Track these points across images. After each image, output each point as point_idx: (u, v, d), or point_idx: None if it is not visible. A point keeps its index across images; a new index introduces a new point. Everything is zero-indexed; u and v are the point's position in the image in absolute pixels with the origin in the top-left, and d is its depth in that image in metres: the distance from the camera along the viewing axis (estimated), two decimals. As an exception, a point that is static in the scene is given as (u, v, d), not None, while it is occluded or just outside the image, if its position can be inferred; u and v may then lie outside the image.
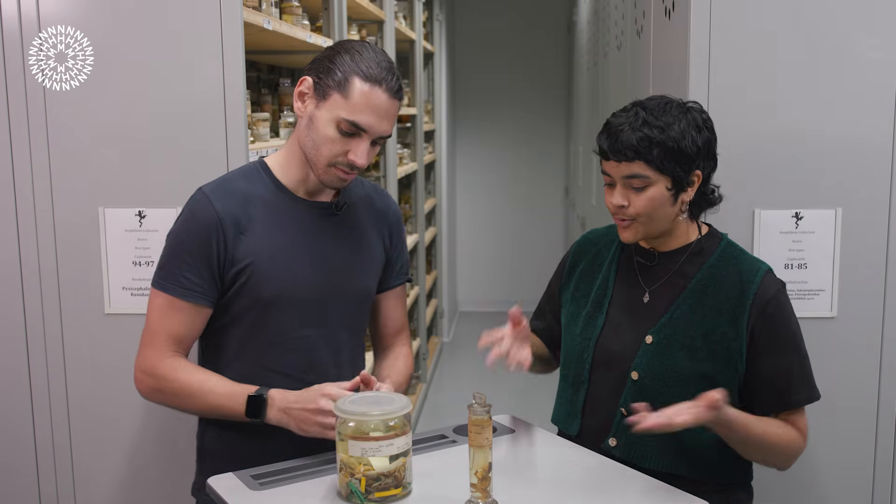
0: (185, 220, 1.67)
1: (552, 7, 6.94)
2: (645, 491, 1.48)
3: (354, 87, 1.59)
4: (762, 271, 1.66)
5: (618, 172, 1.63)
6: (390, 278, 1.86)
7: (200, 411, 1.67)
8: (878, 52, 1.87)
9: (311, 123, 1.63)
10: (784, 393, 1.65)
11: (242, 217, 1.65)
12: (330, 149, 1.61)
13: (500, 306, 7.24)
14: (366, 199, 1.82)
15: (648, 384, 1.66)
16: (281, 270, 1.66)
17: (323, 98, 1.61)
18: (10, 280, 2.08)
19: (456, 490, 1.43)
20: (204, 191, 1.68)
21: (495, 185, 7.19)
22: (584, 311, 1.78)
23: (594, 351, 1.73)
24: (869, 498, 1.98)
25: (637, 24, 2.65)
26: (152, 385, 1.66)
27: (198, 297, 1.64)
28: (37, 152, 2.04)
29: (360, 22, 3.87)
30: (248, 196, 1.68)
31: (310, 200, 1.72)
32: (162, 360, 1.64)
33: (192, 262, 1.63)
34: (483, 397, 1.41)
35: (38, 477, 2.14)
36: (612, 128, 1.63)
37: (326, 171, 1.64)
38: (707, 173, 1.66)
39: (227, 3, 1.97)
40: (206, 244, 1.63)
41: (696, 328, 1.65)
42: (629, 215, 1.64)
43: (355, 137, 1.61)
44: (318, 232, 1.71)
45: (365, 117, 1.59)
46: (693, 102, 1.67)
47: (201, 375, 1.65)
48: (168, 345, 1.65)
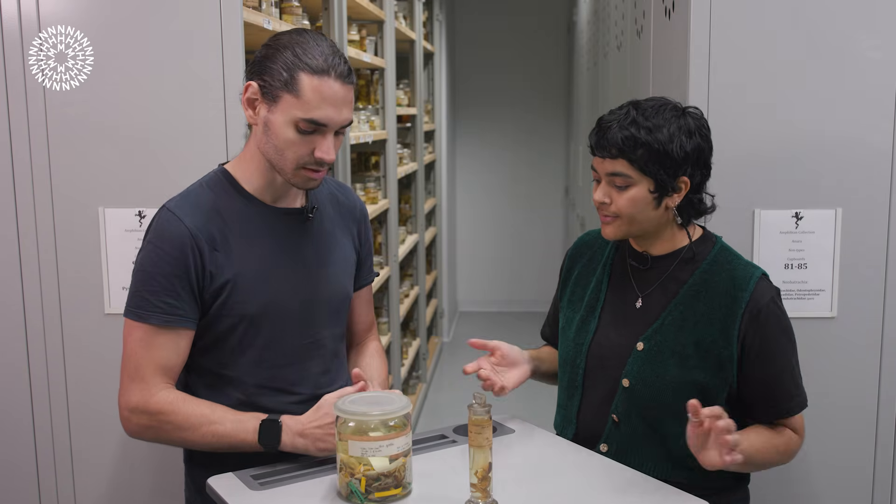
0: (153, 241, 1.57)
1: (552, 7, 6.94)
2: (645, 491, 1.48)
3: (303, 83, 1.50)
4: (755, 277, 1.62)
5: (602, 169, 1.63)
6: (361, 277, 1.83)
7: (201, 444, 1.57)
8: (878, 52, 1.87)
9: (267, 129, 1.55)
10: (778, 402, 1.63)
11: (215, 231, 1.58)
12: (294, 151, 1.54)
13: (500, 306, 7.26)
14: (331, 198, 1.77)
15: (639, 391, 1.64)
16: (263, 284, 1.61)
17: (273, 101, 1.53)
18: (10, 280, 2.08)
19: (456, 490, 1.43)
20: (169, 207, 1.59)
21: (495, 185, 7.19)
22: (577, 315, 1.77)
23: (587, 356, 1.72)
24: (869, 498, 1.98)
25: (637, 24, 2.65)
26: (144, 423, 1.56)
27: (180, 321, 1.55)
28: (37, 152, 2.04)
29: (360, 22, 3.87)
30: (218, 209, 1.60)
31: (280, 208, 1.65)
32: (154, 395, 1.55)
33: (167, 285, 1.54)
34: (483, 397, 1.41)
35: (38, 476, 2.14)
36: (603, 124, 1.63)
37: (295, 174, 1.57)
38: (697, 181, 1.62)
39: (227, 3, 1.97)
40: (181, 263, 1.54)
41: (687, 335, 1.62)
42: (611, 212, 1.64)
43: (317, 134, 1.54)
44: (292, 239, 1.66)
45: (321, 112, 1.52)
46: (693, 108, 1.65)
47: (205, 407, 1.56)
48: (156, 377, 1.56)
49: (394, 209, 4.12)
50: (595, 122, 1.68)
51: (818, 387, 1.77)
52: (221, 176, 1.65)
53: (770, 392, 1.62)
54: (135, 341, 1.57)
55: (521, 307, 7.20)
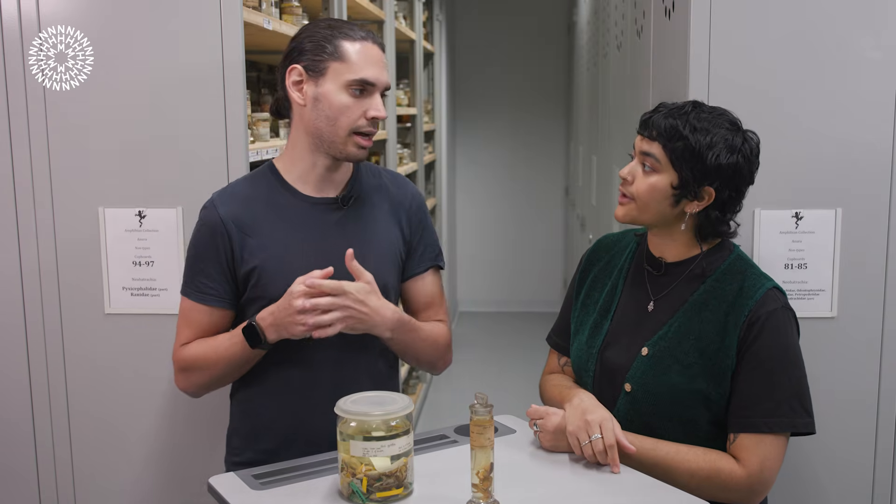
0: (197, 227, 1.74)
1: (552, 7, 6.94)
2: (646, 491, 1.48)
3: (347, 50, 1.65)
4: (765, 288, 1.59)
5: (640, 147, 1.64)
6: (414, 265, 1.83)
7: (226, 372, 1.71)
8: (878, 53, 1.87)
9: (317, 103, 1.66)
10: (746, 409, 1.55)
11: (246, 218, 1.70)
12: (348, 115, 1.65)
13: (500, 306, 7.26)
14: (381, 189, 1.81)
15: (640, 397, 1.63)
16: (288, 269, 1.67)
17: (321, 74, 1.65)
18: (10, 280, 2.08)
19: (457, 490, 1.43)
20: (212, 197, 1.74)
21: (495, 185, 7.19)
22: (591, 318, 1.76)
23: (598, 360, 1.71)
24: (869, 497, 1.98)
25: (637, 24, 2.65)
26: (185, 375, 1.74)
27: (212, 300, 1.71)
28: (37, 152, 2.04)
29: (359, 22, 3.86)
30: (250, 197, 1.72)
31: (315, 197, 1.73)
32: (178, 351, 1.74)
33: (203, 268, 1.70)
34: (485, 397, 1.41)
35: (38, 477, 2.14)
36: (659, 107, 1.65)
37: (346, 141, 1.67)
38: (723, 198, 1.60)
39: (227, 3, 1.97)
40: (213, 248, 1.70)
41: (692, 343, 1.61)
42: (630, 192, 1.64)
43: (366, 96, 1.66)
44: (324, 228, 1.72)
45: (369, 71, 1.65)
46: (752, 133, 1.63)
47: (208, 342, 1.71)
48: (187, 340, 1.73)
49: (394, 209, 4.11)
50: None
51: (818, 387, 1.76)
52: (267, 169, 1.77)
53: (741, 399, 1.56)
54: (181, 311, 1.75)
55: (521, 307, 7.20)
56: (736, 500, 1.57)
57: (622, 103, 2.97)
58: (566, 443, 1.58)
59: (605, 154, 3.51)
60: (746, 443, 1.56)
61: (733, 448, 1.58)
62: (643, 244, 1.76)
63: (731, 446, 1.58)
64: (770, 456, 1.55)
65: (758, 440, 1.56)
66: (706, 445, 1.59)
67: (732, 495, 1.56)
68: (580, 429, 1.55)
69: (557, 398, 1.73)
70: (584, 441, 1.53)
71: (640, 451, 1.56)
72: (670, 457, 1.57)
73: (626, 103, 2.85)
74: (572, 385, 1.76)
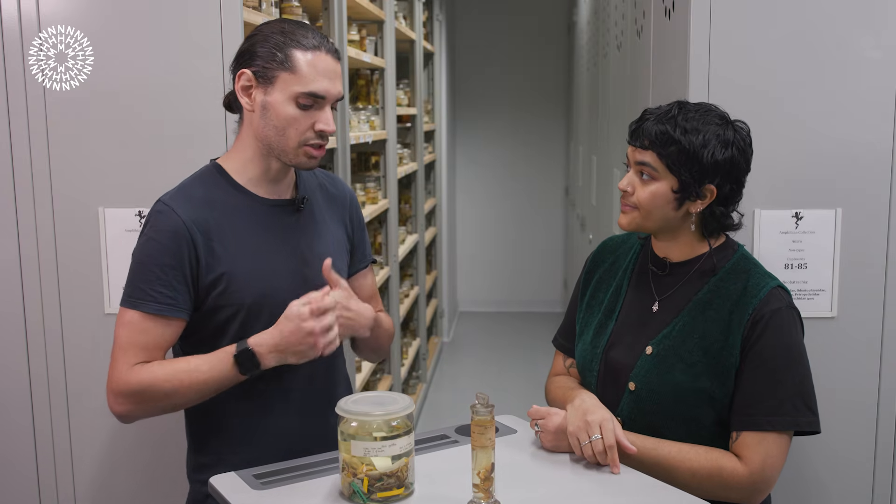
0: (148, 233, 1.61)
1: (552, 7, 6.94)
2: (646, 491, 1.48)
3: (298, 59, 1.58)
4: (769, 287, 1.59)
5: (633, 157, 1.64)
6: (357, 261, 1.86)
7: (190, 398, 1.59)
8: (878, 53, 1.87)
9: (265, 111, 1.60)
10: (750, 407, 1.55)
11: (210, 222, 1.62)
12: (296, 127, 1.60)
13: (500, 306, 7.26)
14: (321, 188, 1.81)
15: (644, 396, 1.63)
16: (258, 274, 1.64)
17: (270, 82, 1.59)
18: (10, 280, 2.08)
19: (458, 490, 1.43)
20: (164, 201, 1.63)
21: (495, 185, 7.19)
22: (596, 318, 1.76)
23: (602, 360, 1.72)
24: (869, 497, 1.99)
25: (637, 24, 2.65)
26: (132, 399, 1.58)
27: (172, 311, 1.59)
28: (37, 152, 2.04)
29: (360, 22, 3.87)
30: (210, 201, 1.64)
31: (271, 199, 1.69)
32: (129, 372, 1.57)
33: (161, 275, 1.58)
34: (486, 397, 1.41)
35: (38, 475, 2.14)
36: (644, 114, 1.64)
37: (297, 152, 1.62)
38: (725, 193, 1.61)
39: (227, 3, 1.97)
40: (176, 254, 1.58)
41: (696, 342, 1.61)
42: (631, 203, 1.64)
43: (315, 108, 1.61)
44: (285, 230, 1.69)
45: (319, 84, 1.59)
46: (741, 122, 1.63)
47: (178, 364, 1.58)
48: (137, 359, 1.58)
49: (394, 209, 4.12)
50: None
51: (818, 387, 1.76)
52: (214, 170, 1.69)
53: (744, 397, 1.56)
54: (123, 326, 1.60)
55: (521, 307, 7.20)
56: (738, 498, 1.57)
57: (622, 103, 2.97)
58: (567, 443, 1.59)
59: (605, 154, 3.51)
60: (749, 441, 1.56)
61: (736, 446, 1.58)
62: (647, 245, 1.77)
63: (734, 444, 1.58)
64: (772, 454, 1.56)
65: (760, 438, 1.56)
66: (710, 444, 1.59)
67: (734, 494, 1.56)
68: (580, 429, 1.55)
69: (561, 399, 1.73)
70: (584, 441, 1.54)
71: (641, 450, 1.56)
72: (672, 456, 1.57)
73: (626, 103, 2.85)
74: (575, 386, 1.77)
